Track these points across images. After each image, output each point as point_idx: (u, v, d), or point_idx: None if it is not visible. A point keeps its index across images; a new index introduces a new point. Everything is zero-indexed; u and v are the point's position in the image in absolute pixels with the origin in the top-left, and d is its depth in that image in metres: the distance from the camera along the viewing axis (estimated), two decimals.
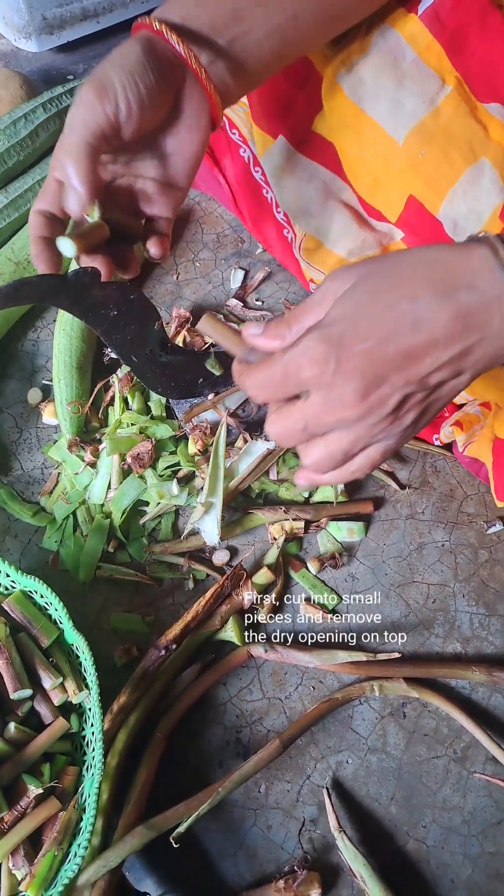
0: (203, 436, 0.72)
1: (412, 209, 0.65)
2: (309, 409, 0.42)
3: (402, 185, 0.65)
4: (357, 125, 0.65)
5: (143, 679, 0.64)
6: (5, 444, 0.78)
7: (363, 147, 0.66)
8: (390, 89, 0.62)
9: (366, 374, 0.40)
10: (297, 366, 0.41)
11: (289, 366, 0.42)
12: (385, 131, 0.63)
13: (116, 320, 0.55)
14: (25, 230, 0.83)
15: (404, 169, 0.63)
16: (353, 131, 0.66)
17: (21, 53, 1.07)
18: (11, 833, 0.54)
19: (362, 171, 0.68)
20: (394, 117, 0.63)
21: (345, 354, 0.40)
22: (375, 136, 0.63)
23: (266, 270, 0.87)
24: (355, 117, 0.64)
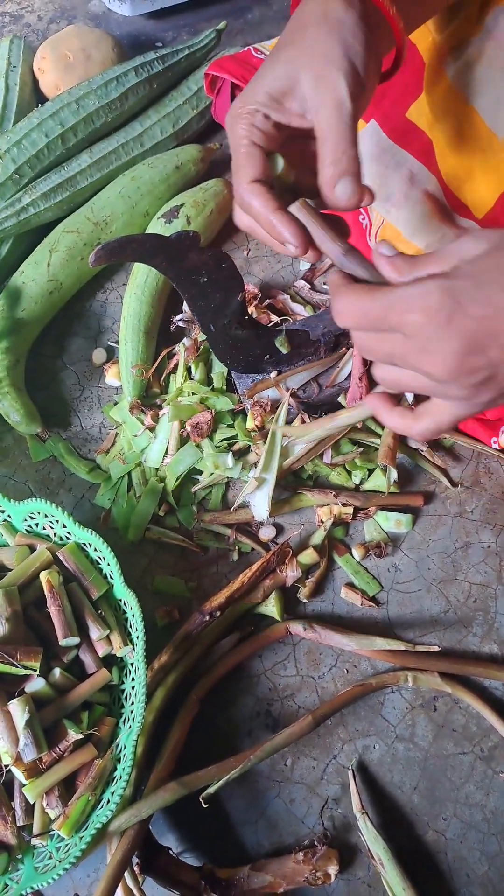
0: (262, 412, 0.73)
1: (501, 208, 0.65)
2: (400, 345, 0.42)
3: (497, 182, 0.64)
4: (457, 115, 0.64)
5: (183, 642, 0.65)
6: (66, 401, 0.79)
7: (461, 139, 0.65)
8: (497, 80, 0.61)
9: (470, 338, 0.39)
10: (407, 307, 0.40)
11: (397, 303, 0.41)
12: (486, 124, 0.62)
13: (205, 287, 0.56)
14: (106, 191, 0.84)
15: (501, 165, 0.63)
16: (452, 121, 0.65)
17: (112, 16, 1.08)
18: (49, 773, 0.56)
19: (455, 163, 0.67)
20: (497, 111, 0.61)
21: (459, 312, 0.39)
22: (475, 129, 0.63)
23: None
24: (456, 107, 0.63)
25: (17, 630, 0.59)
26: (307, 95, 0.46)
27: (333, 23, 0.46)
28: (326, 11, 0.46)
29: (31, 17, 1.09)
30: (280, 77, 0.47)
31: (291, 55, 0.47)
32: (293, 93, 0.47)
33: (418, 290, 0.40)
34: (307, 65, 0.46)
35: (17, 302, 0.78)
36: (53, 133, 0.83)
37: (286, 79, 0.47)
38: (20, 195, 0.80)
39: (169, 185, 0.85)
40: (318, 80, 0.46)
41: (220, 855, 0.62)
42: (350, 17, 0.46)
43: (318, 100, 0.46)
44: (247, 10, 1.09)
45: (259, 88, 0.48)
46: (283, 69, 0.47)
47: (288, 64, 0.47)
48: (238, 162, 0.49)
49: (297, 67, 0.46)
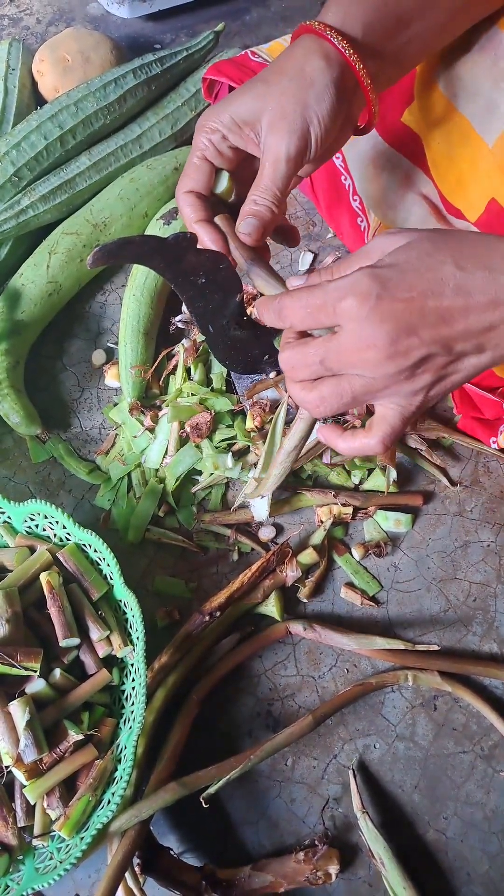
0: (262, 413, 0.73)
1: (492, 213, 0.65)
2: (335, 341, 0.44)
3: (486, 188, 0.64)
4: (448, 122, 0.64)
5: (184, 642, 0.65)
6: (66, 402, 0.80)
7: (451, 145, 0.65)
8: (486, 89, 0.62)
9: (400, 320, 0.42)
10: (340, 295, 0.43)
11: (331, 293, 0.43)
12: (475, 131, 0.63)
13: (203, 288, 0.56)
14: (105, 193, 0.84)
15: (491, 172, 0.63)
16: (442, 128, 0.65)
17: (111, 19, 1.08)
18: (49, 774, 0.56)
19: (447, 168, 0.67)
20: (486, 118, 0.62)
21: (387, 296, 0.42)
22: (465, 136, 0.63)
23: (335, 255, 0.87)
24: (447, 114, 0.64)
25: (17, 631, 0.59)
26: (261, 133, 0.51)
27: (306, 81, 0.50)
28: (304, 67, 0.50)
29: (30, 19, 1.09)
30: (246, 108, 0.51)
31: (262, 93, 0.51)
32: (253, 125, 0.52)
33: (349, 279, 0.43)
34: (269, 110, 0.50)
35: (16, 304, 0.78)
36: (52, 135, 0.83)
37: (251, 112, 0.51)
38: (19, 197, 0.81)
39: (168, 186, 0.85)
40: (271, 129, 0.50)
41: (220, 855, 0.62)
42: (324, 78, 0.50)
43: (265, 145, 0.51)
44: (245, 11, 1.09)
45: (227, 110, 0.52)
46: (251, 103, 0.51)
47: (256, 100, 0.51)
48: (186, 170, 0.55)
49: (261, 107, 0.51)
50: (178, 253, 0.53)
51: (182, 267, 0.54)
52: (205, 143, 0.54)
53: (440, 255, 0.43)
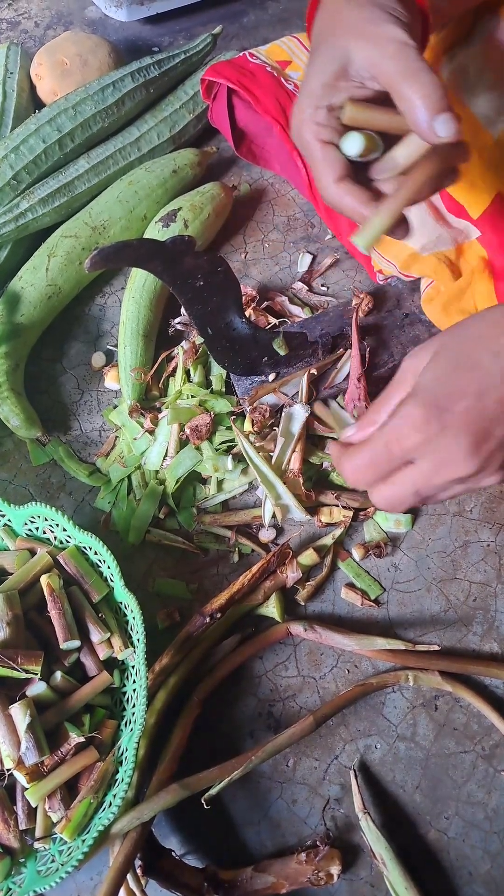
0: (262, 418, 0.73)
1: (497, 207, 0.65)
2: (419, 474, 0.42)
3: (491, 182, 0.65)
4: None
5: (185, 643, 0.65)
6: (66, 404, 0.80)
7: None
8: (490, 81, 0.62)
9: (471, 429, 0.40)
10: (400, 435, 0.41)
11: (391, 438, 0.42)
12: (481, 125, 0.63)
13: (201, 291, 0.56)
14: (104, 196, 0.85)
15: (496, 165, 0.63)
16: None
17: (109, 22, 1.08)
18: (51, 776, 0.56)
19: None
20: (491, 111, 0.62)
21: (446, 414, 0.40)
22: (470, 129, 0.63)
23: (334, 257, 0.87)
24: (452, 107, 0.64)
25: (17, 634, 0.59)
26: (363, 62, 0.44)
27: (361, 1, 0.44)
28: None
29: (28, 23, 1.10)
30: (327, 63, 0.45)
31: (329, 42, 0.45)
32: (346, 70, 0.45)
33: (401, 416, 0.41)
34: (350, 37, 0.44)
35: (16, 307, 0.78)
36: (51, 139, 0.83)
37: (334, 61, 0.45)
38: (18, 201, 0.81)
39: (166, 189, 0.86)
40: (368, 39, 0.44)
41: (222, 856, 0.62)
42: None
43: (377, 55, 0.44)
44: (242, 14, 1.09)
45: (311, 87, 0.46)
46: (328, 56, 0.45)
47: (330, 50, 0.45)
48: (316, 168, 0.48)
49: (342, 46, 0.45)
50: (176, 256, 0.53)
51: (180, 270, 0.55)
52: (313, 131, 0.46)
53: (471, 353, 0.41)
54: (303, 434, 0.72)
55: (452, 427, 0.40)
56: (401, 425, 0.41)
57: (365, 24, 0.44)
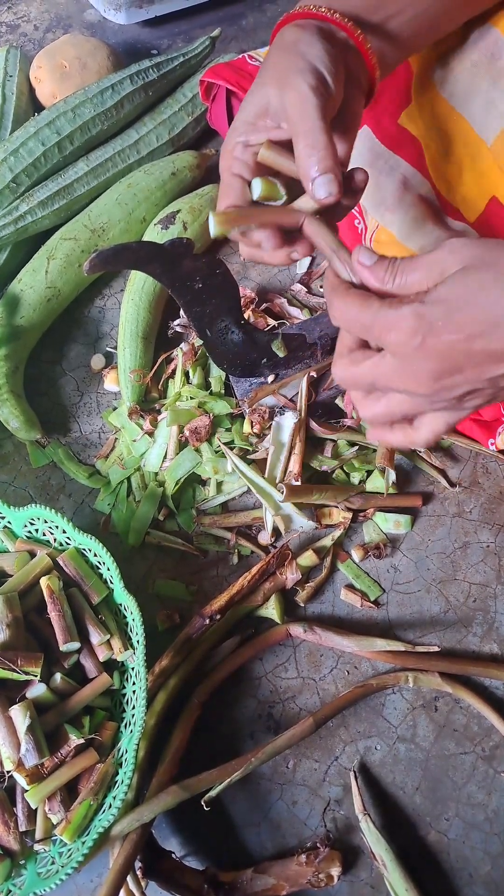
0: (261, 420, 0.73)
1: (493, 211, 0.65)
2: (382, 369, 0.44)
3: (487, 187, 0.65)
4: (446, 122, 0.65)
5: (184, 645, 0.65)
6: (66, 406, 0.80)
7: (449, 145, 0.66)
8: (484, 88, 0.62)
9: (444, 360, 0.42)
10: (387, 326, 0.43)
11: (379, 320, 0.43)
12: (474, 131, 0.63)
13: (200, 293, 0.57)
14: (103, 198, 0.85)
15: (491, 170, 0.63)
16: (441, 128, 0.66)
17: (108, 25, 1.08)
18: (51, 778, 0.56)
19: (446, 168, 0.68)
20: (485, 117, 0.62)
21: (432, 336, 0.41)
22: (464, 135, 0.63)
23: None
24: (445, 115, 0.64)
25: (17, 636, 0.59)
26: (276, 107, 0.48)
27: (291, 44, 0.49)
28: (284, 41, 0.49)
29: (28, 26, 1.10)
30: (253, 103, 0.49)
31: (258, 83, 0.50)
32: (265, 111, 0.49)
33: (398, 313, 0.42)
34: (271, 82, 0.48)
35: (15, 309, 0.78)
36: (50, 141, 0.83)
37: (257, 102, 0.49)
38: (18, 203, 0.81)
39: (165, 191, 0.86)
40: (282, 87, 0.48)
41: (222, 858, 0.62)
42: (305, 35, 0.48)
43: (284, 104, 0.48)
44: (241, 16, 1.10)
45: (238, 121, 0.50)
46: (255, 95, 0.50)
47: (258, 89, 0.49)
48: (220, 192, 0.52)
49: (263, 89, 0.49)
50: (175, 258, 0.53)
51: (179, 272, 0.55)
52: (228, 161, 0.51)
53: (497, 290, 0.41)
54: (301, 438, 0.72)
55: (430, 349, 0.42)
56: (393, 319, 0.42)
57: (286, 72, 0.47)
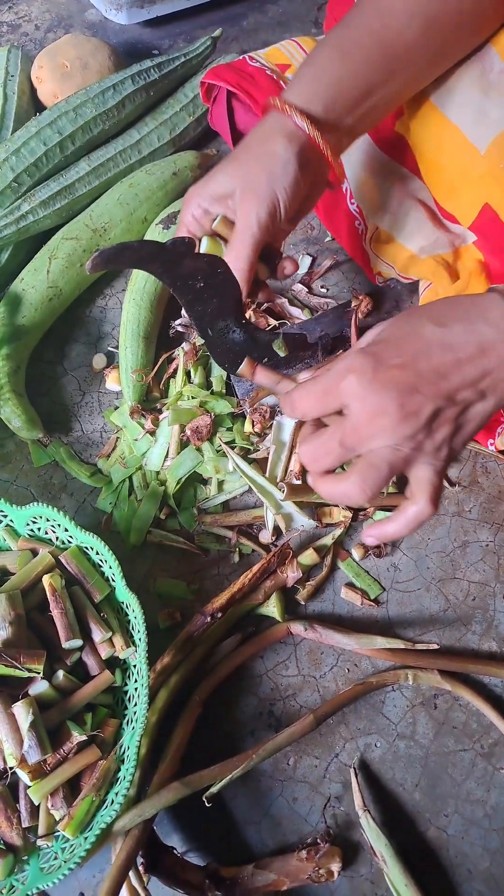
0: (262, 420, 0.74)
1: (486, 217, 0.66)
2: (347, 420, 0.45)
3: (479, 193, 0.65)
4: (439, 131, 0.65)
5: (186, 643, 0.65)
6: (67, 406, 0.80)
7: (442, 152, 0.66)
8: (476, 99, 0.62)
9: (400, 383, 0.44)
10: (339, 377, 0.45)
11: (332, 377, 0.46)
12: (467, 139, 0.63)
13: (201, 292, 0.57)
14: (105, 198, 0.85)
15: (484, 177, 0.64)
16: (434, 137, 0.66)
17: (109, 25, 1.09)
18: (53, 774, 0.57)
19: (439, 175, 0.68)
20: (477, 126, 0.63)
21: (382, 366, 0.44)
22: (457, 143, 0.64)
23: (334, 259, 0.88)
24: (438, 123, 0.65)
25: (20, 633, 0.59)
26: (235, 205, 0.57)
27: (271, 156, 0.55)
28: (268, 144, 0.56)
29: (29, 26, 1.10)
30: (222, 184, 0.58)
31: (234, 170, 0.57)
32: (230, 197, 0.58)
33: (345, 361, 0.46)
34: (239, 184, 0.56)
35: (17, 309, 0.79)
36: (52, 141, 0.84)
37: (225, 187, 0.57)
38: (19, 203, 0.81)
39: (167, 191, 0.86)
40: (242, 199, 0.56)
41: (224, 854, 0.62)
42: (286, 153, 0.55)
43: (238, 214, 0.57)
44: (242, 17, 1.10)
45: (206, 188, 0.58)
46: (225, 180, 0.57)
47: (229, 177, 0.57)
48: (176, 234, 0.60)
49: (234, 182, 0.57)
50: (177, 257, 0.54)
51: (180, 271, 0.55)
52: (189, 218, 0.60)
53: (418, 320, 0.45)
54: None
55: (385, 378, 0.44)
56: (343, 368, 0.45)
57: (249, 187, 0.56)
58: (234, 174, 0.57)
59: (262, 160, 0.55)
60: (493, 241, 0.67)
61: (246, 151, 0.57)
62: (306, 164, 0.56)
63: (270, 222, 0.56)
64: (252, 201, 0.55)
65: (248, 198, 0.55)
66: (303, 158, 0.56)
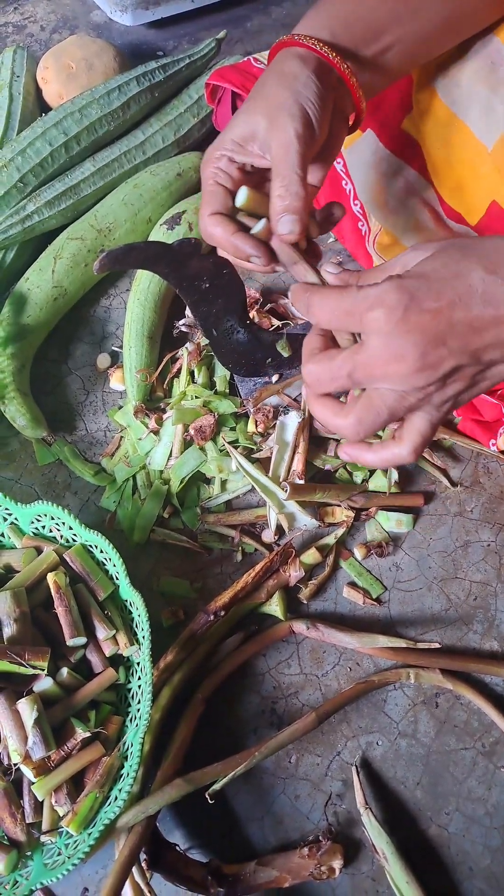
0: (265, 419, 0.74)
1: (493, 215, 0.66)
2: (362, 353, 0.43)
3: (487, 191, 0.65)
4: (447, 128, 0.66)
5: (189, 641, 0.66)
6: (72, 405, 0.81)
7: (451, 150, 0.66)
8: (484, 95, 0.63)
9: (428, 331, 0.41)
10: (368, 304, 0.42)
11: (359, 301, 0.42)
12: (475, 136, 0.64)
13: (206, 292, 0.57)
14: (109, 199, 0.86)
15: (491, 174, 0.64)
16: (442, 134, 0.66)
17: (114, 26, 1.09)
18: (57, 771, 0.57)
19: (447, 173, 0.68)
20: (485, 123, 0.63)
21: (415, 307, 0.41)
22: (465, 140, 0.64)
23: (336, 259, 0.88)
24: (446, 120, 0.65)
25: (25, 630, 0.60)
26: (263, 137, 0.52)
27: (289, 77, 0.52)
28: (283, 69, 0.52)
29: (34, 27, 1.11)
30: (243, 125, 0.53)
31: (252, 106, 0.53)
32: (254, 137, 0.53)
33: (378, 289, 0.42)
34: (263, 112, 0.52)
35: (22, 308, 0.79)
36: (57, 142, 0.84)
37: (248, 126, 0.53)
38: (25, 203, 0.82)
39: (171, 192, 0.87)
40: (272, 123, 0.51)
41: (226, 850, 0.63)
42: (304, 71, 0.52)
43: (270, 140, 0.51)
44: (246, 18, 1.10)
45: (227, 136, 0.54)
46: (245, 118, 0.53)
47: (249, 114, 0.53)
48: (203, 199, 0.55)
49: (255, 116, 0.52)
50: (183, 258, 0.54)
51: (186, 272, 0.56)
52: (213, 171, 0.55)
53: (468, 261, 0.42)
54: (305, 437, 0.73)
55: (413, 322, 0.41)
56: (374, 296, 0.42)
57: (278, 108, 0.51)
58: (254, 110, 0.52)
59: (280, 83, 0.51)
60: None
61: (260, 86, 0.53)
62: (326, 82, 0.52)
63: (309, 135, 0.51)
64: (285, 118, 0.50)
65: (279, 117, 0.50)
66: (320, 74, 0.52)
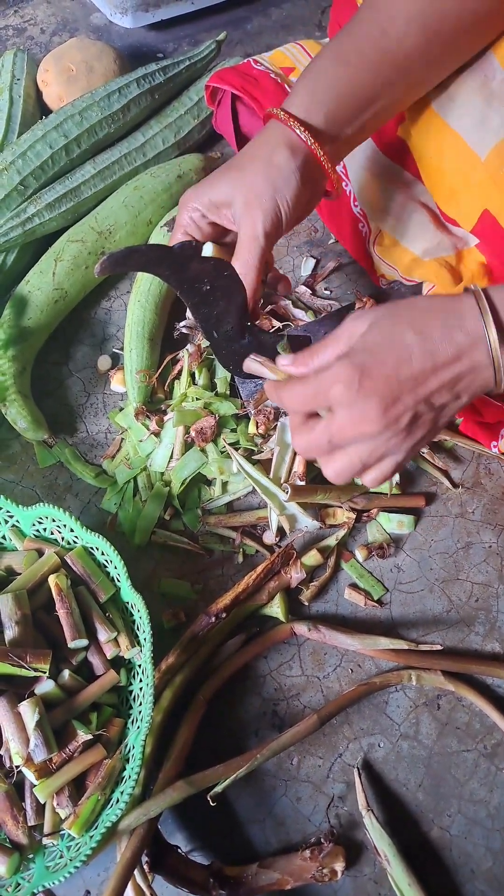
0: (266, 421, 0.74)
1: (486, 223, 0.66)
2: (334, 423, 0.50)
3: (479, 199, 0.66)
4: (440, 137, 0.66)
5: (190, 643, 0.66)
6: (72, 407, 0.81)
7: (443, 158, 0.67)
8: (478, 106, 0.63)
9: (385, 394, 0.48)
10: (328, 384, 0.49)
11: (321, 383, 0.49)
12: (468, 145, 0.64)
13: (207, 295, 0.57)
14: (110, 201, 0.86)
15: (483, 183, 0.64)
16: (435, 142, 0.67)
17: (114, 28, 1.09)
18: (59, 773, 0.57)
19: (440, 181, 0.69)
20: (478, 133, 0.63)
21: (368, 377, 0.48)
22: (457, 150, 0.64)
23: (337, 261, 0.88)
24: (439, 130, 0.65)
25: (26, 633, 0.60)
26: (237, 214, 0.58)
27: (274, 168, 0.56)
28: (272, 156, 0.56)
29: (34, 29, 1.11)
30: (222, 192, 0.58)
31: (235, 179, 0.58)
32: (229, 206, 0.58)
33: (333, 370, 0.49)
34: (242, 193, 0.57)
35: (23, 310, 0.79)
36: (57, 144, 0.84)
37: (226, 195, 0.58)
38: (25, 206, 0.82)
39: (171, 194, 0.87)
40: (246, 209, 0.57)
41: (228, 853, 0.63)
42: (289, 166, 0.56)
43: (241, 223, 0.57)
44: (246, 20, 1.11)
45: (206, 194, 0.59)
46: (226, 187, 0.58)
47: (231, 185, 0.58)
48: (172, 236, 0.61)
49: (235, 191, 0.57)
50: (184, 261, 0.54)
51: (187, 274, 0.56)
52: (187, 220, 0.60)
53: (399, 327, 0.49)
54: None
55: (370, 389, 0.48)
56: (332, 376, 0.49)
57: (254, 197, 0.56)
58: (237, 184, 0.57)
59: (265, 171, 0.56)
60: (493, 246, 0.67)
61: (249, 161, 0.58)
62: (308, 176, 0.57)
63: (275, 232, 0.58)
64: (257, 212, 0.56)
65: (253, 208, 0.57)
66: (305, 170, 0.57)
